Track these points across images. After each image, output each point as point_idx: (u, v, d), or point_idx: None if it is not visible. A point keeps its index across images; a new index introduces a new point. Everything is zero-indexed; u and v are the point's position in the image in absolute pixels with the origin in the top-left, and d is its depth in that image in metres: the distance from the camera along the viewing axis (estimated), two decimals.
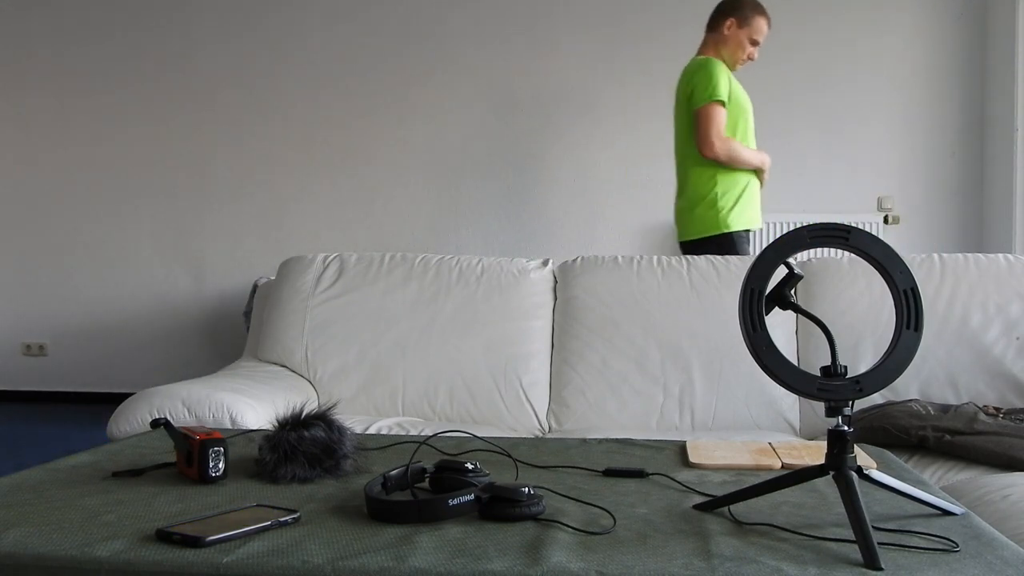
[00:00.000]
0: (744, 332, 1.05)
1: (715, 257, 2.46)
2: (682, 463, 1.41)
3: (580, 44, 4.76)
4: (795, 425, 2.26)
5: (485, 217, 4.85)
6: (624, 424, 2.27)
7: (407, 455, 1.34)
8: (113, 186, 5.04)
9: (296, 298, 2.50)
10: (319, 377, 2.41)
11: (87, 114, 5.05)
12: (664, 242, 4.68)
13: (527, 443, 1.58)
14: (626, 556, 0.93)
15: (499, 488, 1.07)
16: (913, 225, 4.55)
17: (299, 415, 1.32)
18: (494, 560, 0.91)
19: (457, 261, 2.52)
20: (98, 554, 0.94)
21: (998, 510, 1.42)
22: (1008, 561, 0.93)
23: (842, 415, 1.04)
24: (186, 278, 5.01)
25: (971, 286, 2.29)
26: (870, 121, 4.53)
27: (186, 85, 4.98)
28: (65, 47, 5.06)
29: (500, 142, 4.82)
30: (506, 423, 2.32)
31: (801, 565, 0.91)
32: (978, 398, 2.18)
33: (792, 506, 1.14)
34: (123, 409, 1.99)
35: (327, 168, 4.91)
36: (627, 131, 4.71)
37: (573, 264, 2.51)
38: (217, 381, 2.18)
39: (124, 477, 1.29)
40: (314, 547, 0.95)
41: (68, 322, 5.08)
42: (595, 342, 2.35)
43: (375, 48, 4.87)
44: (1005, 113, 4.27)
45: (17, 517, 1.06)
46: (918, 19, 4.55)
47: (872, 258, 1.06)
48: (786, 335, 2.34)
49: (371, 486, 1.12)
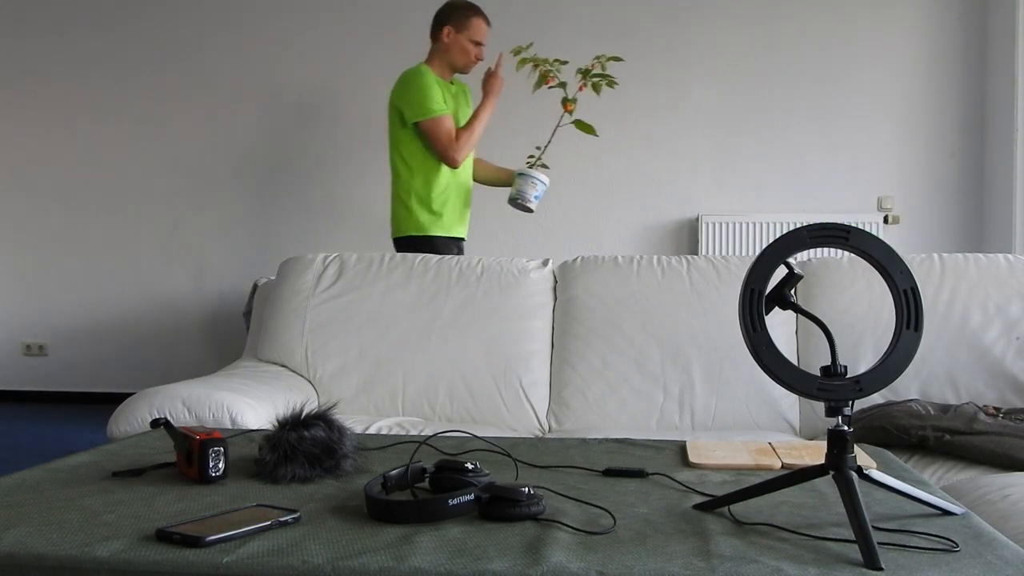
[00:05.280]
0: (744, 332, 1.05)
1: (715, 257, 2.46)
2: (682, 463, 1.41)
3: (575, 43, 4.75)
4: (795, 425, 2.26)
5: (485, 217, 4.84)
6: (624, 424, 2.27)
7: (407, 455, 1.34)
8: (113, 186, 5.04)
9: (296, 298, 2.50)
10: (319, 377, 2.41)
11: (87, 113, 5.04)
12: (664, 242, 4.68)
13: (527, 443, 1.58)
14: (626, 556, 0.93)
15: (499, 488, 1.07)
16: (913, 225, 4.55)
17: (299, 415, 1.32)
18: (494, 560, 0.91)
19: (457, 261, 2.52)
20: (98, 554, 0.94)
21: (998, 510, 1.42)
22: (1008, 561, 0.93)
23: (842, 415, 1.04)
24: (186, 278, 5.01)
25: (971, 286, 2.29)
26: (870, 121, 4.53)
27: (186, 84, 4.97)
28: (65, 46, 5.05)
29: (500, 142, 4.82)
30: (506, 423, 2.32)
31: (801, 565, 0.91)
32: (978, 398, 2.18)
33: (792, 506, 1.14)
34: (123, 409, 1.99)
35: (328, 168, 4.90)
36: (627, 131, 4.71)
37: (573, 264, 2.51)
38: (217, 381, 2.19)
39: (124, 477, 1.29)
40: (314, 547, 0.95)
41: (68, 322, 5.08)
42: (595, 342, 2.35)
43: (375, 47, 4.86)
44: (1005, 113, 4.27)
45: (17, 517, 1.06)
46: (918, 19, 4.54)
47: (872, 258, 1.06)
48: (786, 335, 2.34)
49: (371, 486, 1.12)
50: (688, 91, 4.67)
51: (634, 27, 4.71)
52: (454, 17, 3.27)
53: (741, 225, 4.47)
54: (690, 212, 4.62)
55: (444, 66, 3.29)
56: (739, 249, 4.47)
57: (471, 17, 3.28)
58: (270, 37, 4.93)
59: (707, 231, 4.50)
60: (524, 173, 3.33)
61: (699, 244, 4.52)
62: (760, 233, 4.49)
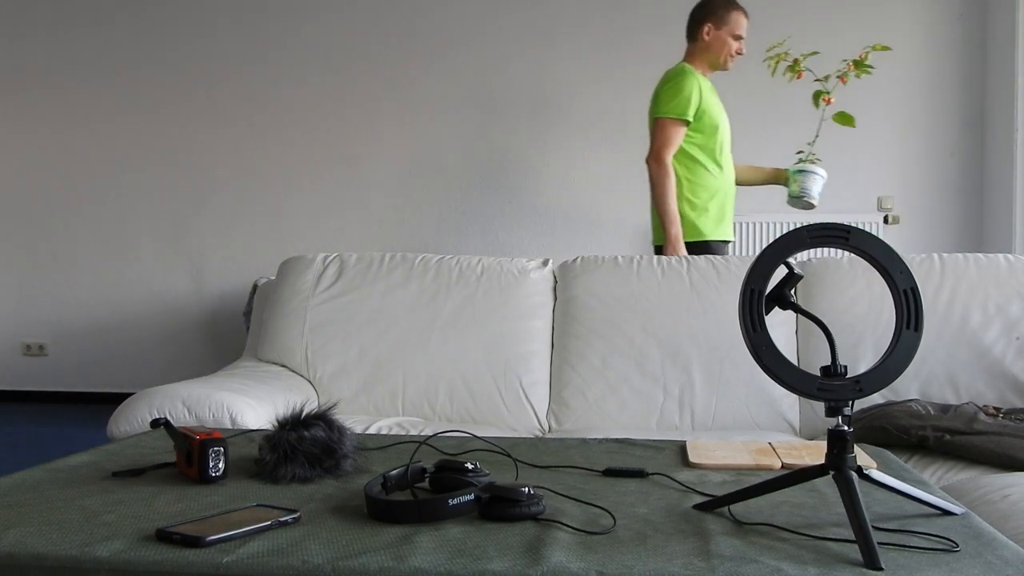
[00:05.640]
0: (744, 332, 1.05)
1: (715, 257, 2.46)
2: (682, 463, 1.41)
3: (578, 43, 4.75)
4: (795, 425, 2.26)
5: (485, 217, 4.85)
6: (624, 424, 2.27)
7: (407, 455, 1.34)
8: (113, 186, 5.04)
9: (296, 298, 2.50)
10: (319, 377, 2.41)
11: (87, 114, 5.04)
12: None
13: (527, 443, 1.58)
14: (626, 556, 0.93)
15: (499, 488, 1.07)
16: (913, 225, 4.55)
17: (299, 415, 1.32)
18: (494, 560, 0.91)
19: (457, 261, 2.52)
20: (98, 554, 0.94)
21: (998, 510, 1.42)
22: (1008, 561, 0.93)
23: (842, 415, 1.04)
24: (186, 278, 5.01)
25: (971, 286, 2.29)
26: (870, 121, 4.53)
27: (186, 85, 4.98)
28: (65, 45, 5.05)
29: (500, 142, 4.82)
30: (506, 423, 2.32)
31: (801, 565, 0.91)
32: (978, 398, 2.18)
33: (792, 506, 1.14)
34: (123, 409, 1.99)
35: (327, 168, 4.91)
36: (627, 131, 4.71)
37: (573, 264, 2.51)
38: (217, 381, 2.19)
39: (124, 477, 1.29)
40: (314, 547, 0.95)
41: (68, 322, 5.08)
42: (595, 342, 2.35)
43: (375, 48, 4.86)
44: (1005, 113, 4.27)
45: (17, 517, 1.06)
46: (918, 19, 4.54)
47: (872, 258, 1.06)
48: (786, 335, 2.33)
49: (371, 486, 1.12)
50: None
51: (631, 25, 4.70)
52: (714, 14, 3.20)
53: (741, 225, 4.47)
54: None
55: (704, 64, 3.23)
56: (739, 249, 4.47)
57: (731, 11, 3.21)
58: (270, 36, 4.93)
59: None
60: (804, 169, 3.21)
61: None
62: (760, 233, 4.49)
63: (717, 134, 3.14)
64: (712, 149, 3.14)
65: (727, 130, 3.22)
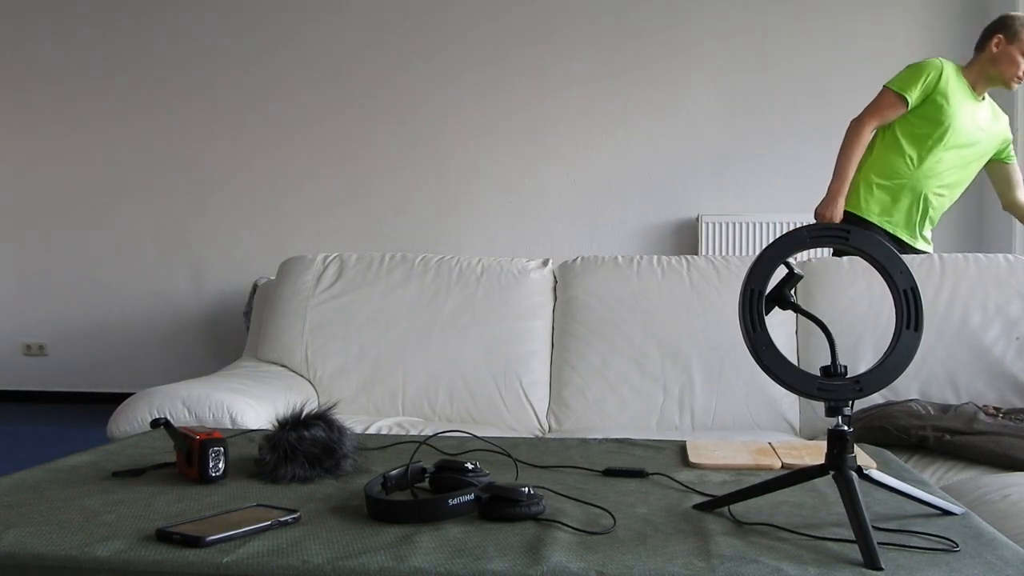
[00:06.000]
0: (744, 332, 1.05)
1: (715, 257, 2.46)
2: (682, 463, 1.41)
3: (578, 42, 4.75)
4: (795, 425, 2.26)
5: (485, 217, 4.85)
6: (624, 424, 2.27)
7: (407, 455, 1.34)
8: (113, 186, 5.04)
9: (296, 298, 2.50)
10: (319, 377, 2.41)
11: (87, 114, 5.05)
12: (664, 242, 4.68)
13: (527, 443, 1.58)
14: (626, 556, 0.93)
15: (499, 488, 1.07)
16: None
17: (299, 415, 1.32)
18: (494, 560, 0.91)
19: (457, 261, 2.52)
20: (98, 554, 0.94)
21: (998, 510, 1.42)
22: (1008, 561, 0.93)
23: (842, 415, 1.04)
24: (186, 278, 5.01)
25: (971, 286, 2.29)
26: None
27: (186, 85, 4.98)
28: (65, 46, 5.05)
29: (500, 142, 4.82)
30: (506, 423, 2.32)
31: (801, 565, 0.91)
32: (978, 398, 2.18)
33: (792, 506, 1.14)
34: (123, 409, 2.00)
35: (327, 168, 4.91)
36: (627, 131, 4.71)
37: (573, 264, 2.51)
38: (217, 381, 2.19)
39: (124, 477, 1.29)
40: (314, 547, 0.95)
41: (68, 322, 5.08)
42: (595, 342, 2.35)
43: (375, 47, 4.86)
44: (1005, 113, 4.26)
45: (17, 517, 1.06)
46: (918, 20, 4.55)
47: (872, 258, 1.06)
48: (786, 335, 2.34)
49: (371, 486, 1.12)
50: (688, 91, 4.67)
51: (634, 29, 4.71)
52: (1009, 28, 3.13)
53: (741, 225, 4.47)
54: (690, 212, 4.63)
55: (982, 75, 3.14)
56: (739, 249, 4.47)
57: None
58: (270, 37, 4.93)
59: (707, 231, 4.50)
60: None
61: (699, 244, 4.52)
62: (760, 233, 4.49)
63: (944, 135, 3.03)
64: (927, 145, 3.04)
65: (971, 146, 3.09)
